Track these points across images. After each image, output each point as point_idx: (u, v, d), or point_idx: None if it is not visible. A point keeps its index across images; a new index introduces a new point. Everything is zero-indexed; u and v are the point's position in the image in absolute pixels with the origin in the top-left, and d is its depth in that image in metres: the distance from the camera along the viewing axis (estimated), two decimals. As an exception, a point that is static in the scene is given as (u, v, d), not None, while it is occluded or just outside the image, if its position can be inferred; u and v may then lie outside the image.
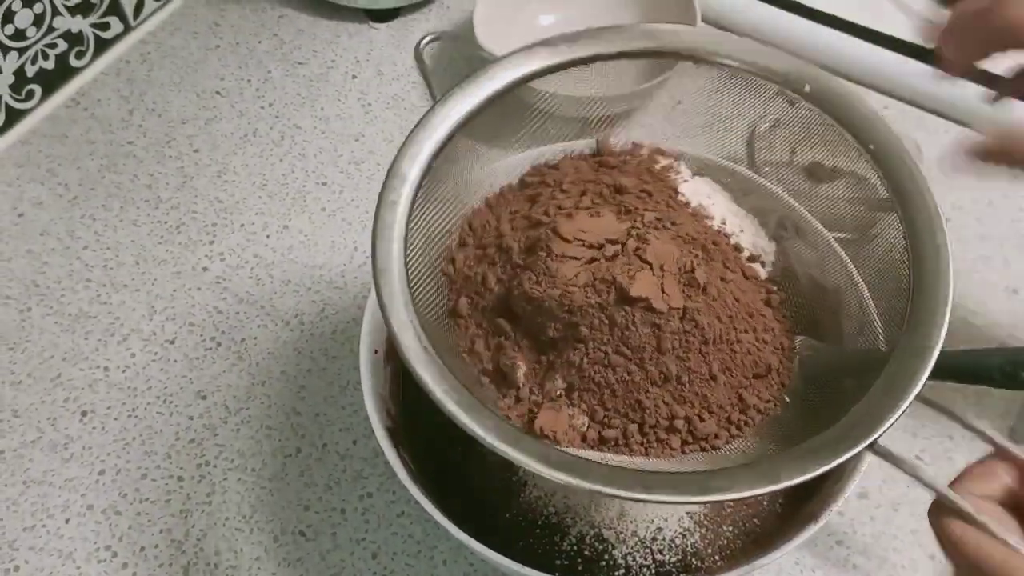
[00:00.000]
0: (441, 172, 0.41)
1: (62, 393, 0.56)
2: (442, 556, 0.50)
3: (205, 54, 0.75)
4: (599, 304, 0.38)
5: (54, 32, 0.69)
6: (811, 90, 0.43)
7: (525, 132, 0.48)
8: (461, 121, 0.41)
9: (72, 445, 0.54)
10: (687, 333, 0.39)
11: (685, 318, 0.39)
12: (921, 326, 0.36)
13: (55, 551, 0.51)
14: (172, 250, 0.63)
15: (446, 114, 0.41)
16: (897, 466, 0.34)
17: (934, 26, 0.44)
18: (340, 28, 0.77)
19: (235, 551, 0.50)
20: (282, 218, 0.65)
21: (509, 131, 0.47)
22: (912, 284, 0.38)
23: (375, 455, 0.53)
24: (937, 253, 0.38)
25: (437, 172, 0.41)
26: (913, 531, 0.51)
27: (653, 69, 0.58)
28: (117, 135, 0.69)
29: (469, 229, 0.44)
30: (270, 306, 0.60)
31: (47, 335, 0.59)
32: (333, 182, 0.67)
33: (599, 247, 0.40)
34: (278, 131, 0.70)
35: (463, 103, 0.42)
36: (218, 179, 0.67)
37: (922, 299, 0.37)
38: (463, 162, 0.43)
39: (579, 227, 0.40)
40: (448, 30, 0.76)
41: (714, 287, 0.40)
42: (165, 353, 0.58)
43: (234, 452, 0.54)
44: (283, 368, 0.57)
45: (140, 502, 0.52)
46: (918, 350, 0.36)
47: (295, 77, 0.73)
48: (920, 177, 0.41)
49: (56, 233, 0.64)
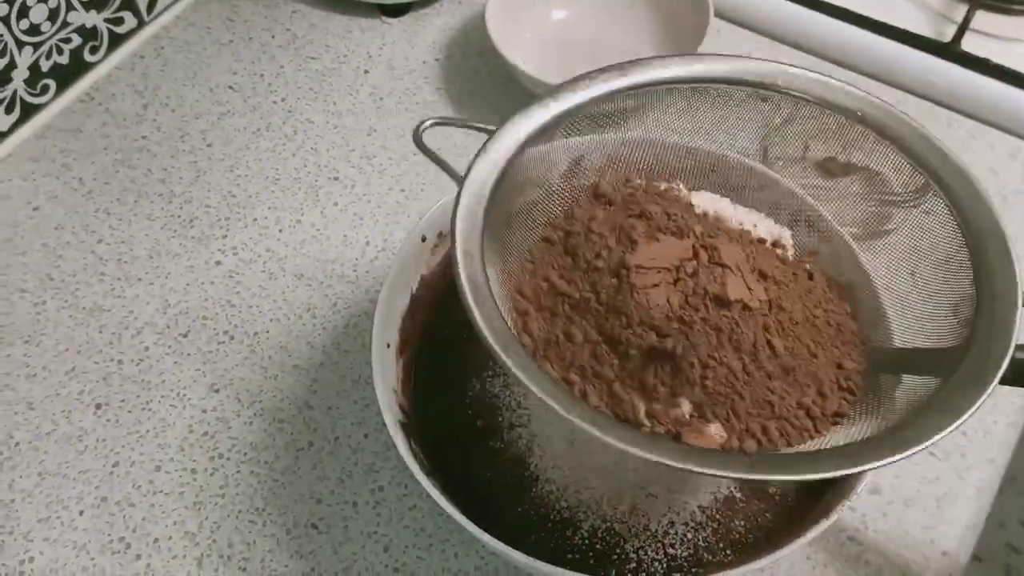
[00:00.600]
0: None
1: (76, 386, 0.57)
2: (454, 549, 0.50)
3: (218, 49, 0.75)
4: (702, 319, 0.39)
5: (68, 27, 0.69)
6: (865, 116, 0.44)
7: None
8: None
9: (86, 437, 0.55)
10: (780, 322, 0.40)
11: (773, 308, 0.40)
12: (996, 327, 0.37)
13: (69, 542, 0.51)
14: (185, 244, 0.63)
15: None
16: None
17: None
18: (352, 23, 0.77)
19: (248, 543, 0.51)
20: (294, 212, 0.65)
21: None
22: (978, 288, 0.39)
23: (387, 448, 0.54)
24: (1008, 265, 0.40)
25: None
26: (925, 527, 0.50)
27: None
28: (131, 130, 0.70)
29: (521, 297, 0.42)
30: (282, 300, 0.60)
31: (62, 328, 0.59)
32: (345, 176, 0.67)
33: (676, 268, 0.40)
34: (291, 126, 0.70)
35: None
36: (231, 173, 0.67)
37: (992, 301, 0.38)
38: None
39: (648, 256, 0.40)
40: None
41: (775, 275, 0.42)
42: (178, 346, 0.58)
43: (247, 445, 0.54)
44: (295, 362, 0.58)
45: (154, 494, 0.53)
46: (992, 351, 0.37)
47: (307, 72, 0.73)
48: (990, 204, 0.42)
49: (71, 227, 0.64)
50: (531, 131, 0.43)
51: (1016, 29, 0.70)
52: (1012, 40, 0.70)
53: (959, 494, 0.52)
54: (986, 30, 0.69)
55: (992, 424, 0.54)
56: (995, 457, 0.53)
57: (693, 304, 0.39)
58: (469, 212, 0.39)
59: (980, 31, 0.69)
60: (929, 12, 0.72)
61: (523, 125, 0.43)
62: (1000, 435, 0.53)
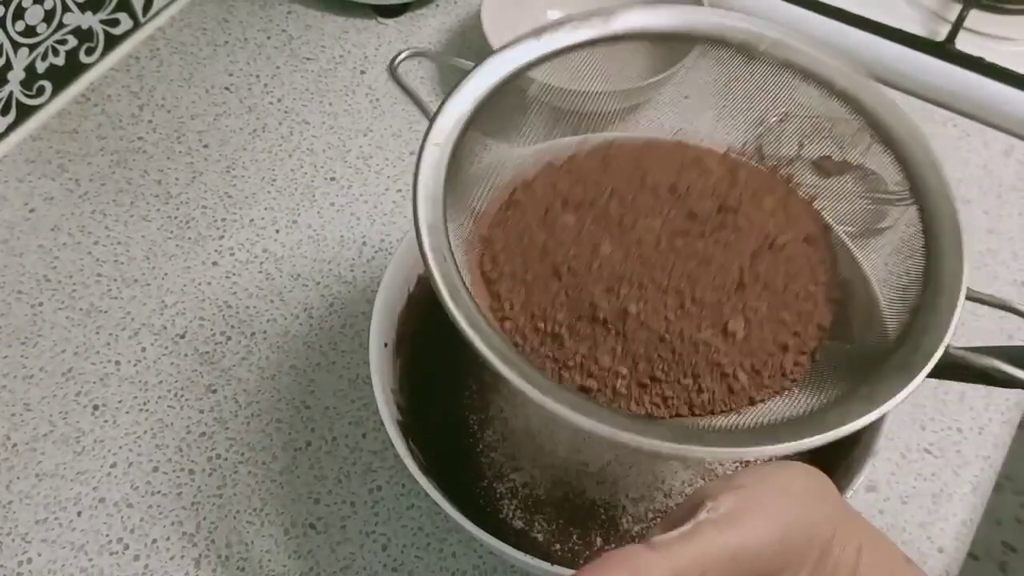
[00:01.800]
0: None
1: (74, 387, 0.57)
2: (451, 548, 0.50)
3: (214, 50, 0.75)
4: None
5: (64, 28, 0.69)
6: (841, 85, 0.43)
7: (529, 127, 0.48)
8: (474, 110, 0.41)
9: (84, 439, 0.55)
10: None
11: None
12: (934, 315, 0.36)
13: (67, 543, 0.51)
14: (182, 245, 0.63)
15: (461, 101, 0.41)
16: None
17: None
18: (348, 24, 0.77)
19: (246, 543, 0.51)
20: (291, 213, 0.65)
21: (513, 127, 0.46)
22: (927, 273, 0.38)
23: (384, 448, 0.54)
24: (957, 247, 0.38)
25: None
26: (922, 524, 0.51)
27: (660, 63, 0.58)
28: (127, 131, 0.70)
29: (487, 249, 0.41)
30: (279, 300, 0.60)
31: (58, 329, 0.59)
32: (342, 177, 0.67)
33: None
34: (287, 126, 0.70)
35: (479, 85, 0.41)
36: (227, 174, 0.67)
37: (936, 287, 0.37)
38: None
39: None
40: (427, 46, 0.76)
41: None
42: (176, 347, 0.58)
43: (244, 445, 0.54)
44: (293, 362, 0.58)
45: (152, 495, 0.53)
46: (922, 344, 0.36)
47: (303, 72, 0.73)
48: (942, 171, 0.40)
49: (67, 228, 0.64)
50: (507, 73, 0.42)
51: (1009, 28, 0.71)
52: (1005, 39, 0.70)
53: (955, 491, 0.52)
54: (980, 29, 0.70)
55: (987, 421, 0.54)
56: (990, 454, 0.53)
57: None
58: (434, 168, 0.39)
59: (974, 30, 0.69)
60: (924, 12, 0.73)
61: (500, 66, 0.42)
62: (995, 432, 0.54)
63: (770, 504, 0.27)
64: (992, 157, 0.66)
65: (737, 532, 0.26)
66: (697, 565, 0.25)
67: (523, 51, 0.43)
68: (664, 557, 0.25)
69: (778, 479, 0.29)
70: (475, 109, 0.41)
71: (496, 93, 0.42)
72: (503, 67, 0.42)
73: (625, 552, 0.25)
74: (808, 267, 0.40)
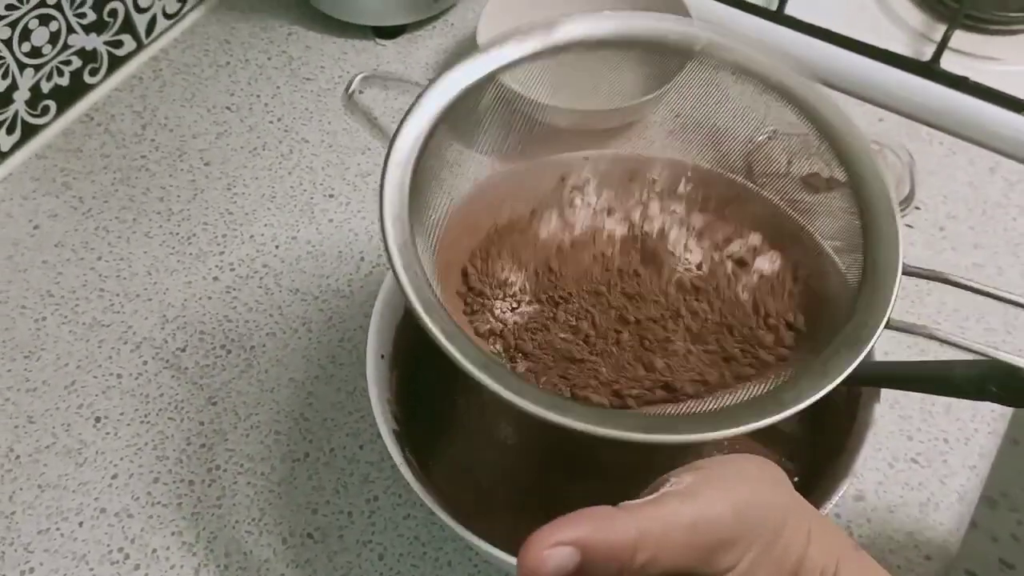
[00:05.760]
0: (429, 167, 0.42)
1: (76, 400, 0.58)
2: (447, 557, 0.51)
3: (216, 71, 0.77)
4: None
5: (69, 49, 0.70)
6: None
7: (485, 138, 0.48)
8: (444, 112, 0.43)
9: (86, 450, 0.56)
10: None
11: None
12: (876, 292, 0.38)
13: (69, 553, 0.52)
14: (183, 260, 0.64)
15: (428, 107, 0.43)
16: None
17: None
18: (347, 45, 0.78)
19: (245, 553, 0.52)
20: (290, 229, 0.66)
21: (470, 139, 0.47)
22: (865, 255, 0.40)
23: (381, 459, 0.55)
24: (892, 229, 0.40)
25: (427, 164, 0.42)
26: (909, 532, 0.51)
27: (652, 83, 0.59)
28: (130, 149, 0.71)
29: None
30: (279, 315, 0.62)
31: (62, 343, 0.60)
32: (340, 194, 0.68)
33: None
34: (287, 145, 0.71)
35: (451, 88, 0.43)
36: (228, 191, 0.68)
37: (875, 267, 0.39)
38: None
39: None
40: (386, 71, 0.77)
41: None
42: (176, 361, 0.59)
43: (244, 457, 0.55)
44: (291, 375, 0.59)
45: (152, 505, 0.54)
46: (868, 321, 0.38)
47: (303, 92, 0.75)
48: (875, 159, 0.42)
49: (71, 244, 0.65)
50: (464, 87, 0.44)
51: (993, 48, 0.72)
52: (990, 59, 0.71)
53: (941, 500, 0.53)
54: (964, 49, 0.71)
55: (973, 432, 0.55)
56: (976, 464, 0.54)
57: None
58: (398, 180, 0.40)
59: (958, 50, 0.71)
60: (909, 32, 0.74)
61: (453, 82, 0.44)
62: (980, 443, 0.55)
63: (728, 483, 0.29)
64: (978, 174, 0.68)
65: (697, 503, 0.28)
66: (659, 527, 0.27)
67: (473, 67, 0.44)
68: (631, 517, 0.27)
69: (736, 465, 0.31)
70: (431, 127, 0.43)
71: (450, 109, 0.43)
72: (453, 86, 0.44)
73: (593, 509, 0.27)
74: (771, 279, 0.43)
